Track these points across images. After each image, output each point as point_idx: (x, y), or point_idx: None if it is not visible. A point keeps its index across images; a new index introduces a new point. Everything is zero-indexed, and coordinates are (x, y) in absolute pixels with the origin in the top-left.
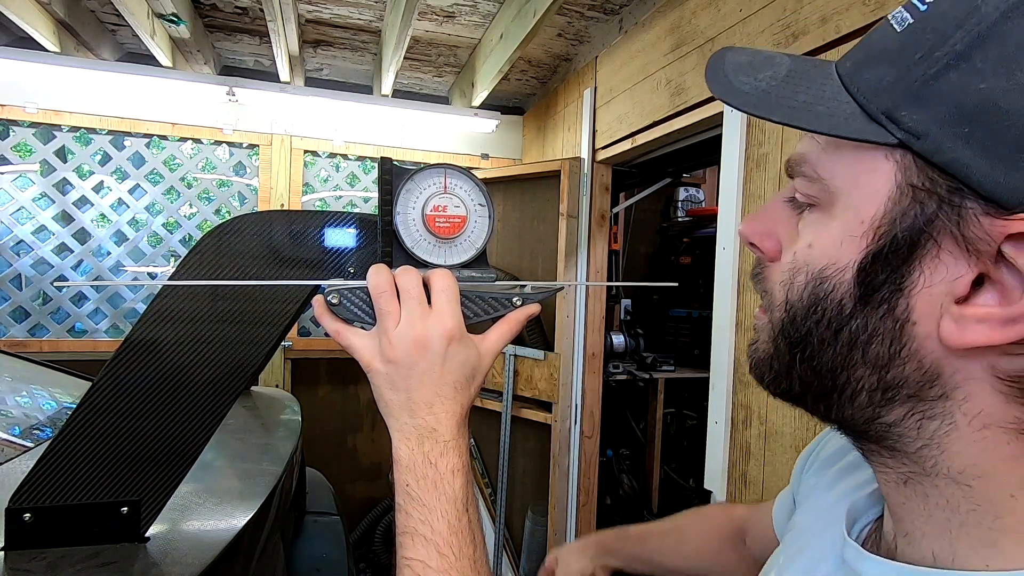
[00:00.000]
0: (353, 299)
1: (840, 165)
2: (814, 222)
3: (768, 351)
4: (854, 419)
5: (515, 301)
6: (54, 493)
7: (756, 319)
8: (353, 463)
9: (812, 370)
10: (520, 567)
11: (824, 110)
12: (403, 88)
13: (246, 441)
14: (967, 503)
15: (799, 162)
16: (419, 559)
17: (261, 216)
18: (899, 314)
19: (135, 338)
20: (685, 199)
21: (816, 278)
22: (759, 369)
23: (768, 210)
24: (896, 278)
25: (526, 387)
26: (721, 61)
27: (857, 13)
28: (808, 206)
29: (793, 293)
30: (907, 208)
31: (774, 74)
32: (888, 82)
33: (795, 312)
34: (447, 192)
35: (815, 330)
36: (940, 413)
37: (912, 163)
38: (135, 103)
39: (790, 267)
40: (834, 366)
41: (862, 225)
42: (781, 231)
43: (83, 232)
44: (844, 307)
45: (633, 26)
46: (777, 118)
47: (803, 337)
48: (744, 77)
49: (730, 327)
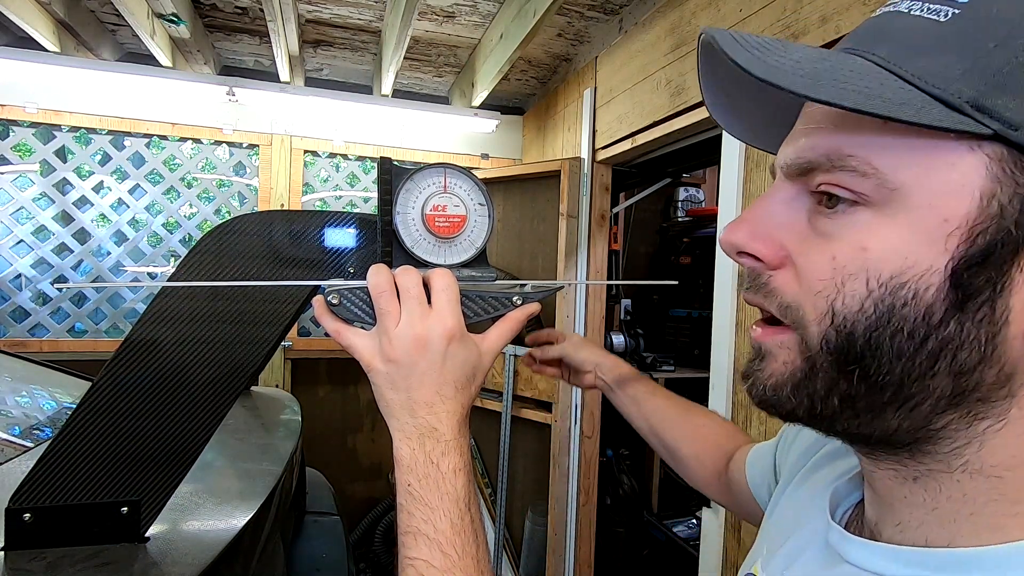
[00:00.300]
0: (353, 299)
1: (903, 158)
2: (863, 222)
3: (795, 371)
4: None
5: (515, 300)
6: (54, 493)
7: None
8: (353, 463)
9: (869, 386)
10: (520, 567)
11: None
12: (403, 88)
13: (246, 441)
14: (990, 493)
15: (837, 155)
16: (422, 559)
17: (261, 216)
18: (999, 316)
19: (135, 338)
20: (685, 199)
21: (886, 284)
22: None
23: (756, 214)
24: (999, 279)
25: (526, 387)
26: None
27: (857, 13)
28: (844, 202)
29: (847, 303)
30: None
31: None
32: (960, 71)
33: (853, 325)
34: (447, 192)
35: (889, 342)
36: (996, 412)
37: (1006, 155)
38: (135, 103)
39: (831, 274)
40: (907, 379)
41: (947, 224)
42: (783, 235)
43: (83, 232)
44: (933, 315)
45: (633, 26)
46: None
47: (867, 352)
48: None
49: (730, 327)
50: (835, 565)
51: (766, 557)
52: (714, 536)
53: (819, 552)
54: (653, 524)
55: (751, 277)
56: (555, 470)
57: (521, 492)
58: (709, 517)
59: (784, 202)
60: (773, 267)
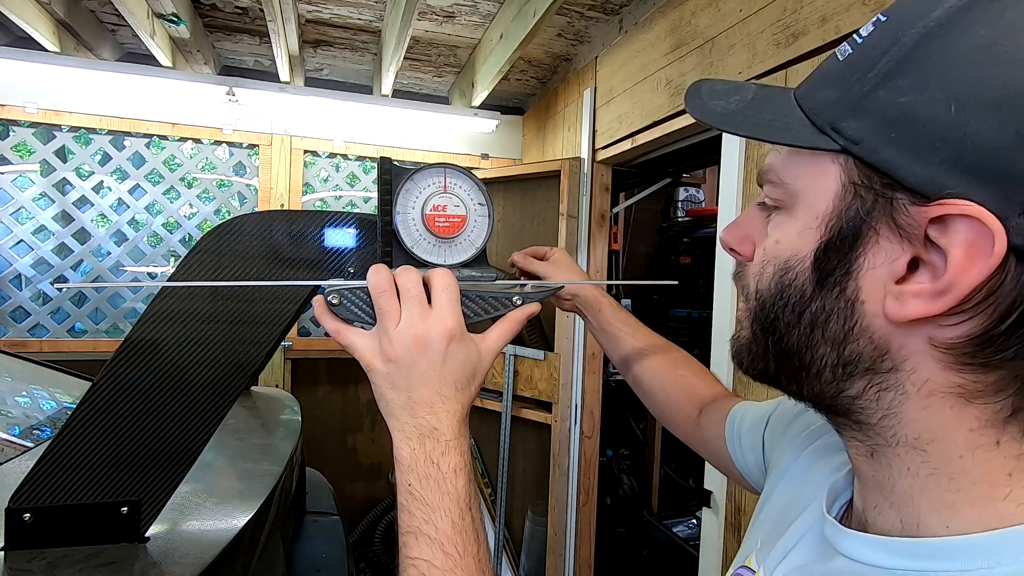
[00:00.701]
0: (353, 299)
1: (798, 170)
2: (780, 222)
3: (747, 337)
4: (823, 394)
5: (515, 300)
6: (54, 493)
7: (739, 312)
8: (353, 463)
9: (782, 351)
10: (520, 567)
11: (782, 125)
12: (403, 88)
13: (246, 441)
14: (925, 468)
15: (767, 171)
16: (424, 558)
17: (261, 216)
18: (850, 294)
19: (135, 338)
20: (685, 199)
21: (781, 268)
22: (739, 355)
23: (743, 218)
24: (845, 263)
25: (526, 387)
26: (698, 89)
27: (857, 13)
28: (775, 209)
29: (763, 283)
30: (851, 202)
31: (742, 98)
32: (832, 100)
33: (764, 299)
34: (447, 192)
35: (782, 314)
36: (893, 384)
37: (853, 165)
38: (135, 103)
39: (760, 261)
40: (799, 346)
41: (816, 219)
42: (756, 235)
43: (83, 232)
44: (805, 291)
45: (633, 26)
46: (744, 132)
47: (772, 321)
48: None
49: (730, 327)
50: (830, 558)
51: (760, 550)
52: (714, 536)
53: (814, 544)
54: (653, 524)
55: (736, 266)
56: (555, 470)
57: (521, 492)
58: (709, 517)
59: (757, 208)
60: (747, 260)
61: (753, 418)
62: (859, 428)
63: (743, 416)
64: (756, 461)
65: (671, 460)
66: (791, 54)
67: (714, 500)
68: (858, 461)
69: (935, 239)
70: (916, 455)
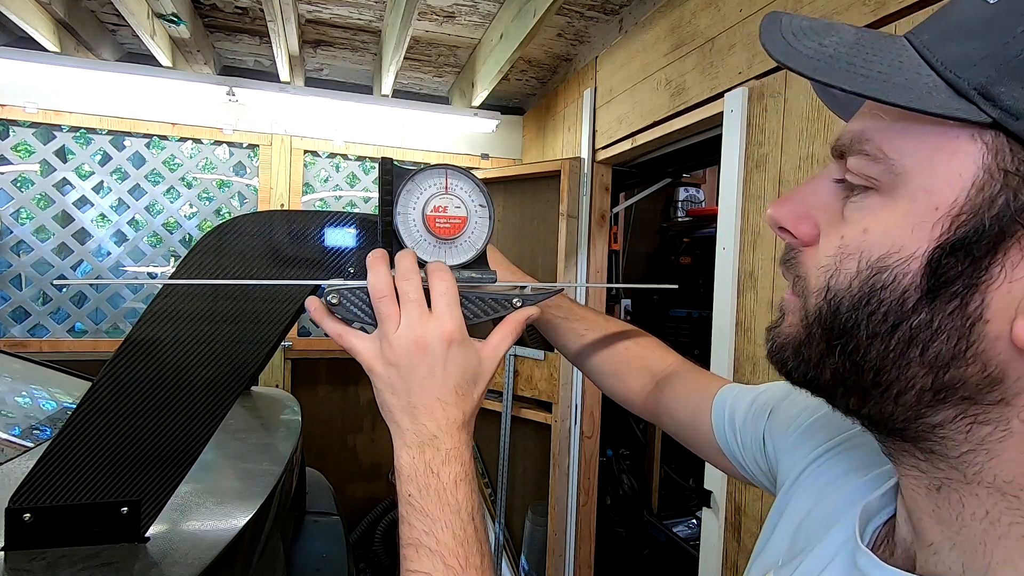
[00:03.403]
0: (353, 299)
1: (912, 144)
2: (871, 206)
3: (798, 336)
4: (892, 417)
5: (515, 302)
6: (54, 493)
7: (784, 300)
8: (353, 463)
9: (853, 364)
10: (520, 567)
11: (903, 81)
12: (403, 88)
13: (246, 441)
14: (1010, 515)
15: (858, 139)
16: (424, 571)
17: (261, 216)
18: (971, 311)
19: (135, 338)
20: (685, 199)
21: (872, 266)
22: (782, 353)
23: (802, 192)
24: (973, 272)
25: (526, 387)
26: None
27: (857, 13)
28: (864, 189)
29: (839, 281)
30: (996, 195)
31: (840, 40)
32: (979, 56)
33: (839, 300)
34: (448, 193)
35: (866, 323)
36: (996, 419)
37: (1005, 145)
38: (135, 103)
39: (835, 252)
40: (883, 363)
41: (936, 211)
42: (821, 215)
43: (83, 232)
44: (907, 300)
45: (633, 26)
46: (848, 86)
47: (848, 329)
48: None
49: (730, 327)
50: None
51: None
52: (714, 536)
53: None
54: (653, 524)
55: (787, 250)
56: (555, 470)
57: (521, 492)
58: (709, 517)
59: (827, 183)
60: (804, 244)
61: (748, 407)
62: (928, 459)
63: (734, 403)
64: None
65: (671, 460)
66: None
67: (714, 500)
68: (915, 492)
69: None
70: (1002, 500)
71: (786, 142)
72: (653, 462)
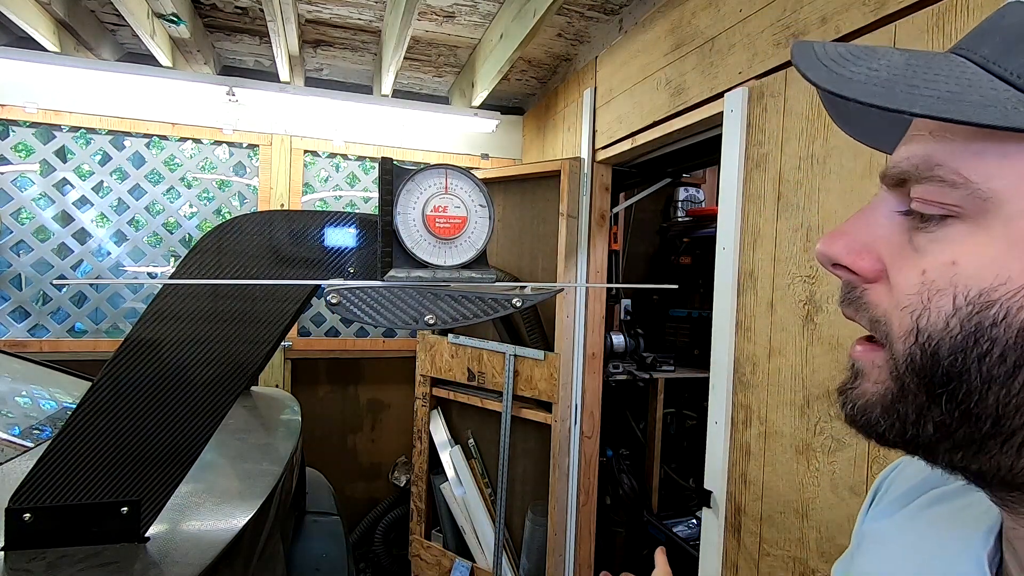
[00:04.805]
0: (353, 299)
1: (998, 164)
2: (954, 236)
3: (887, 391)
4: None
5: (515, 302)
6: (54, 493)
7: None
8: (353, 463)
9: (963, 413)
10: (520, 567)
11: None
12: (403, 88)
13: (246, 441)
14: None
15: (926, 165)
16: None
17: (261, 216)
18: None
19: (135, 338)
20: (685, 199)
21: (973, 302)
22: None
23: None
24: None
25: (526, 387)
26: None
27: (857, 13)
28: (936, 219)
29: (931, 321)
30: None
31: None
32: None
33: (937, 345)
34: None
35: (977, 366)
36: None
37: None
38: (135, 103)
39: (919, 289)
40: (1005, 408)
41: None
42: (884, 248)
43: (83, 232)
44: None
45: (633, 26)
46: (921, 110)
47: (955, 374)
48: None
49: (730, 327)
50: None
51: None
52: (714, 536)
53: None
54: (653, 524)
55: (846, 289)
56: (555, 470)
57: (521, 492)
58: (709, 517)
59: (885, 214)
60: (868, 280)
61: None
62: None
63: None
64: None
65: (671, 460)
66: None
67: (714, 500)
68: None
69: None
70: None
71: (786, 142)
72: (653, 462)
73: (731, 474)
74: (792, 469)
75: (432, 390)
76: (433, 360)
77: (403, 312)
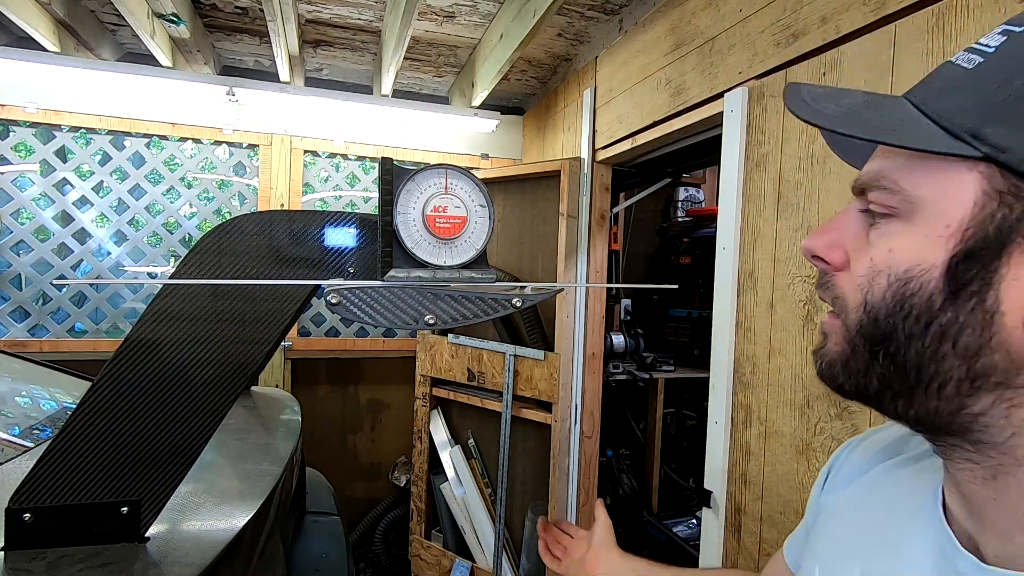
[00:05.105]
0: (353, 299)
1: (922, 177)
2: (893, 231)
3: (843, 351)
4: (938, 411)
5: (515, 302)
6: (54, 493)
7: (825, 324)
8: (353, 463)
9: (896, 366)
10: (520, 567)
11: (909, 130)
12: (403, 88)
13: (246, 441)
14: None
15: (877, 178)
16: None
17: (261, 216)
18: (989, 306)
19: (135, 338)
20: (685, 199)
21: (901, 279)
22: (832, 369)
23: (834, 223)
24: (985, 273)
25: (526, 387)
26: (797, 91)
27: (857, 13)
28: (884, 216)
29: (874, 295)
30: (995, 211)
31: (852, 101)
32: (966, 107)
33: (876, 311)
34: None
35: (901, 326)
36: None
37: (996, 173)
38: (135, 103)
39: (867, 272)
40: (921, 359)
41: (948, 228)
42: (850, 242)
43: (83, 232)
44: (933, 303)
45: (633, 26)
46: (865, 135)
47: (887, 334)
48: (825, 103)
49: (730, 327)
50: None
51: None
52: (714, 536)
53: None
54: (653, 524)
55: (820, 276)
56: (555, 470)
57: (521, 492)
58: (709, 517)
59: (853, 215)
60: (837, 269)
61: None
62: (978, 449)
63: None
64: None
65: (671, 460)
66: (791, 54)
67: (714, 500)
68: (972, 485)
69: None
70: None
71: (786, 142)
72: (653, 462)
73: (731, 474)
74: (792, 469)
75: (432, 390)
76: (433, 360)
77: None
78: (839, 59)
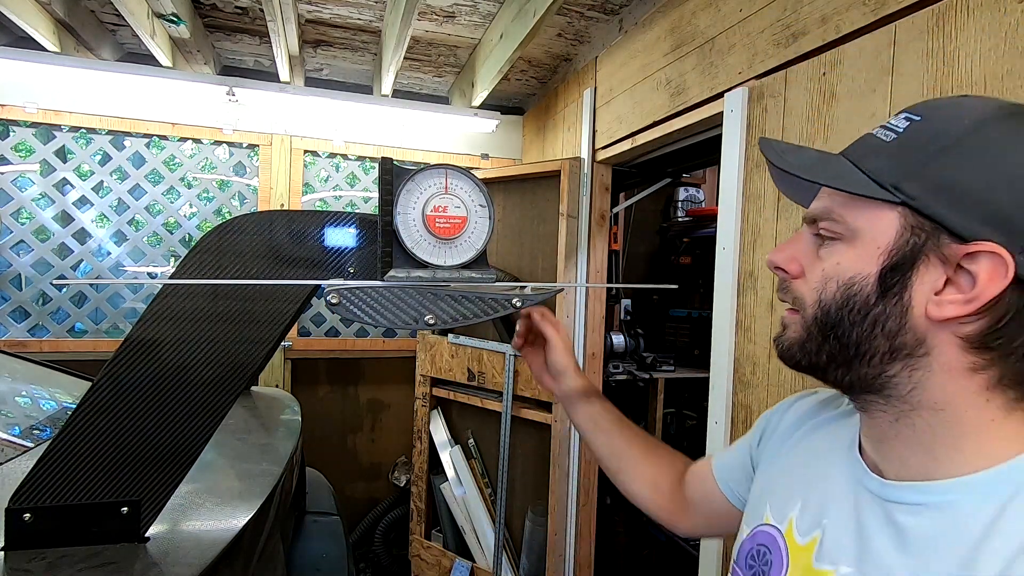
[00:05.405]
0: (353, 299)
1: (859, 212)
2: (837, 250)
3: (800, 337)
4: (867, 376)
5: (515, 302)
6: (54, 493)
7: (785, 318)
8: (353, 463)
9: (841, 345)
10: (520, 567)
11: (852, 180)
12: (403, 88)
13: (246, 441)
14: (941, 424)
15: (826, 212)
16: None
17: (262, 216)
18: (905, 301)
19: (135, 338)
20: (685, 199)
21: (846, 283)
22: (790, 351)
23: (791, 243)
24: (904, 280)
25: (526, 387)
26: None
27: (857, 13)
28: (831, 239)
29: (826, 295)
30: (909, 238)
31: (809, 155)
32: (889, 167)
33: (828, 306)
34: (448, 193)
35: (847, 317)
36: (924, 365)
37: (910, 213)
38: (135, 103)
39: (820, 279)
40: (859, 339)
41: (879, 249)
42: (803, 257)
43: (83, 232)
44: (869, 300)
45: (633, 26)
46: (823, 181)
47: (836, 323)
48: (791, 156)
49: (730, 327)
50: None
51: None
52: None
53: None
54: (653, 524)
55: (781, 283)
56: (555, 470)
57: (521, 492)
58: None
59: (805, 238)
60: (794, 277)
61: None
62: (887, 400)
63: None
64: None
65: None
66: (791, 54)
67: None
68: (883, 425)
69: (966, 266)
70: (934, 415)
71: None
72: None
73: None
74: None
75: (432, 390)
76: (433, 360)
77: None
78: (839, 59)
